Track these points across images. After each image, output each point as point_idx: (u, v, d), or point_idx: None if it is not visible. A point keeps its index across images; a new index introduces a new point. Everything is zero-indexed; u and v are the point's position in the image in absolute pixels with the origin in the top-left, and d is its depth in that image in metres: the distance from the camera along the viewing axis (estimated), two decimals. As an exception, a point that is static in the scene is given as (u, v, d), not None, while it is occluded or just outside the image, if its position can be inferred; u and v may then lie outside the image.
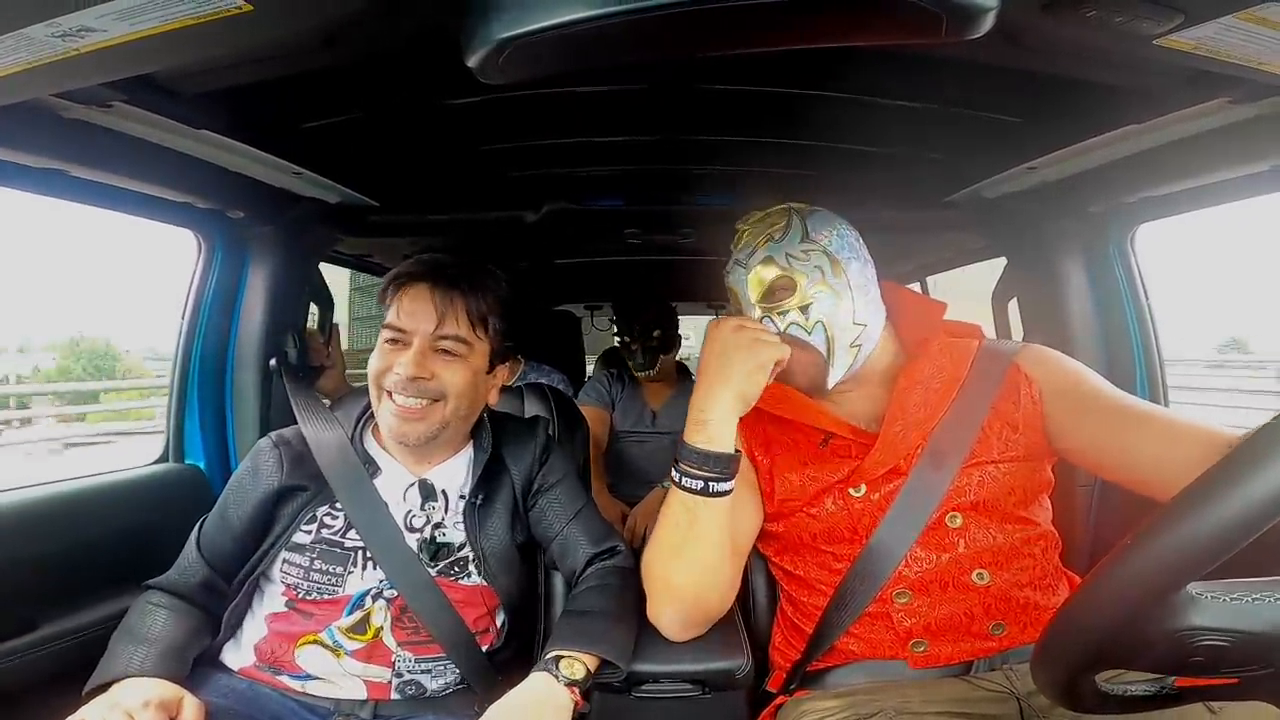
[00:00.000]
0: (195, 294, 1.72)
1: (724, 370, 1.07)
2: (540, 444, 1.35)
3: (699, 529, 1.07)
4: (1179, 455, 0.97)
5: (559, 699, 0.99)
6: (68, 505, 1.41)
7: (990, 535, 1.11)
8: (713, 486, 1.06)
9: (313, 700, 1.13)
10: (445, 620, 1.17)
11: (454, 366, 1.19)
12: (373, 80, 1.23)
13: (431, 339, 1.17)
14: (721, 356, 1.08)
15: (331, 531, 1.19)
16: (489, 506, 1.26)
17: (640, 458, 2.60)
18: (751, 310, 1.15)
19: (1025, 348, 1.22)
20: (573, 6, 0.64)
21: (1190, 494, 0.56)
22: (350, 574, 1.17)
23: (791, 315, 1.13)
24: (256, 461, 1.24)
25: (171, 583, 1.17)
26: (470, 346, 1.20)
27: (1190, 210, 1.47)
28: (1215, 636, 0.58)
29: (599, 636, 1.09)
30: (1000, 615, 1.10)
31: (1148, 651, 0.60)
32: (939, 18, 0.65)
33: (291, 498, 1.21)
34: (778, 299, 1.14)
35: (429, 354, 1.17)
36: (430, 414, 1.18)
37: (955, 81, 1.21)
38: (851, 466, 1.15)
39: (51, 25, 0.70)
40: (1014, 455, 1.13)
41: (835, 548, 1.16)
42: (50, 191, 1.24)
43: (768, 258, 1.14)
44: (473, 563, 1.22)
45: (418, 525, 1.21)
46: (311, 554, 1.17)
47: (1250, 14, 0.73)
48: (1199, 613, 0.58)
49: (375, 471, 1.23)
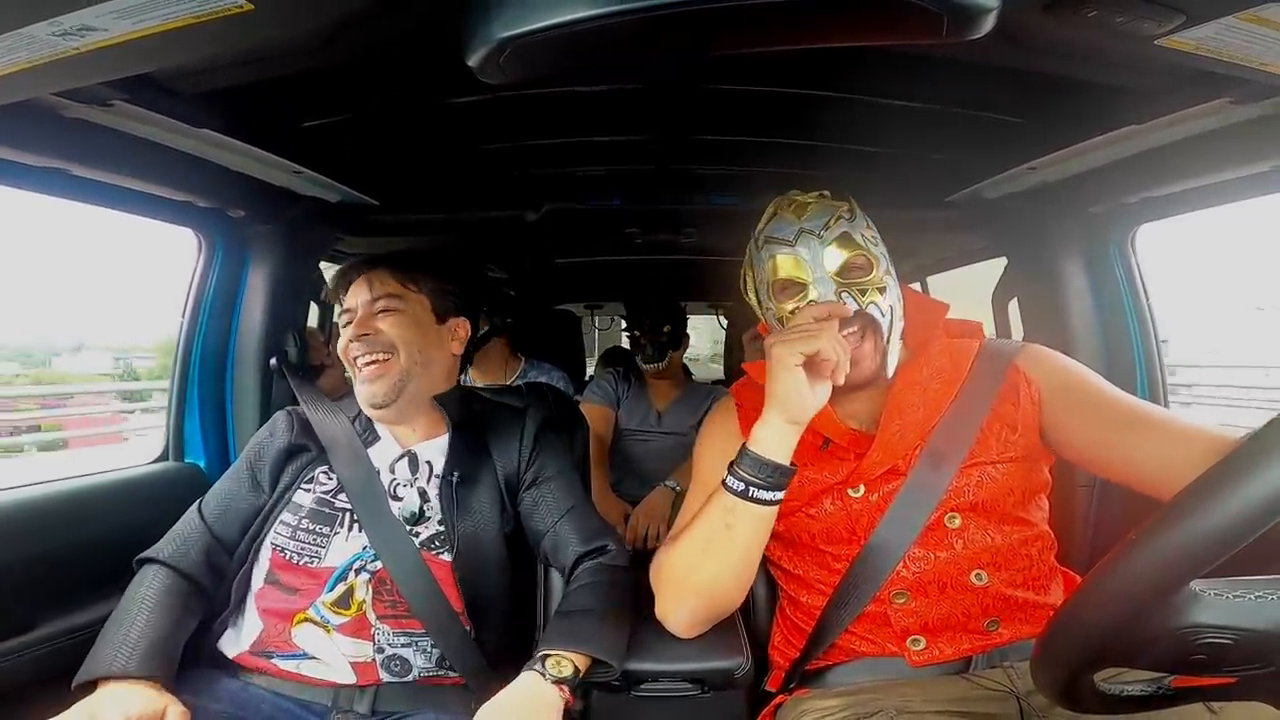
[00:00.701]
0: (196, 293, 1.72)
1: (769, 384, 1.08)
2: (529, 434, 1.37)
3: (735, 533, 1.08)
4: (1179, 455, 0.97)
5: (547, 696, 1.01)
6: (67, 504, 1.41)
7: (988, 536, 1.11)
8: (753, 492, 1.06)
9: (307, 698, 1.14)
10: (423, 591, 1.19)
11: (393, 318, 1.30)
12: (373, 79, 1.23)
13: (369, 304, 1.31)
14: (769, 369, 1.08)
15: (324, 490, 1.25)
16: (469, 487, 1.29)
17: (644, 457, 2.60)
18: (823, 284, 1.13)
19: (1025, 348, 1.22)
20: (573, 6, 0.64)
21: (1194, 491, 0.56)
22: (335, 536, 1.21)
23: (870, 295, 1.12)
24: (273, 426, 1.36)
25: (168, 556, 1.19)
26: (404, 299, 1.32)
27: (1191, 210, 1.47)
28: (1217, 634, 0.58)
29: (588, 635, 1.10)
30: (996, 614, 1.10)
31: (1150, 649, 0.60)
32: (940, 18, 0.65)
33: (297, 456, 1.31)
34: (854, 276, 1.13)
35: (371, 316, 1.30)
36: (389, 369, 1.28)
37: (956, 82, 1.20)
38: (850, 468, 1.15)
39: (53, 24, 0.70)
40: (1012, 456, 1.13)
41: (834, 548, 1.16)
42: (51, 190, 1.24)
43: (845, 234, 1.14)
44: (448, 539, 1.24)
45: (402, 495, 1.26)
46: (302, 513, 1.23)
47: (1251, 14, 0.73)
48: (1202, 610, 0.58)
49: (373, 439, 1.33)
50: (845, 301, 1.11)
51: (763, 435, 1.07)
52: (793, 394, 1.05)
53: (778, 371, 1.05)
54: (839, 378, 1.06)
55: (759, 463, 1.05)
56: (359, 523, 1.21)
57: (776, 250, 1.17)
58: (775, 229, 1.18)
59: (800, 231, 1.15)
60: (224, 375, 1.76)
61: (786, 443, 1.06)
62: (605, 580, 1.23)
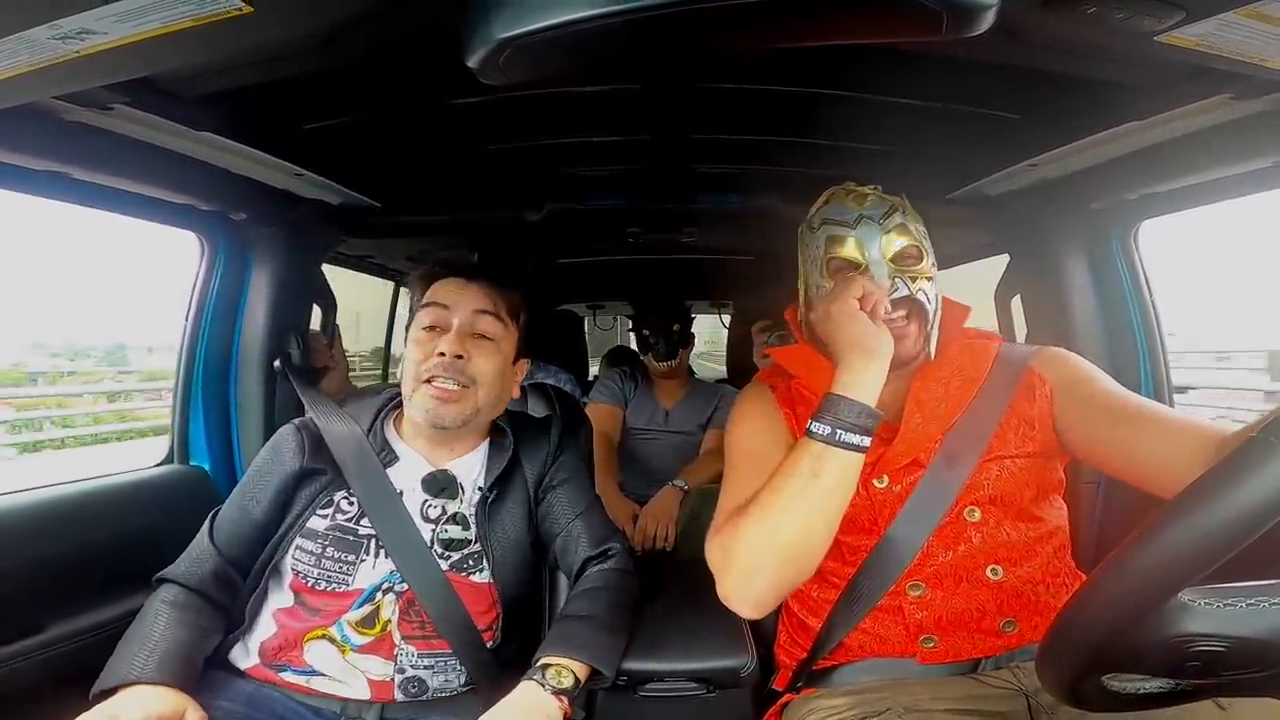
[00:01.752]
0: (199, 296, 1.72)
1: (837, 333, 1.08)
2: (554, 442, 1.36)
3: (822, 481, 1.03)
4: (1179, 452, 0.97)
5: (548, 708, 1.01)
6: (72, 507, 1.41)
7: (1004, 531, 1.12)
8: (841, 436, 1.03)
9: (318, 702, 1.14)
10: (453, 615, 1.17)
11: (487, 351, 1.23)
12: (374, 81, 1.23)
13: (471, 316, 1.23)
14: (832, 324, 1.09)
15: (346, 518, 1.21)
16: (501, 502, 1.27)
17: (651, 456, 2.61)
18: (878, 267, 1.15)
19: (1041, 350, 1.24)
20: (573, 6, 0.64)
21: (1180, 503, 0.56)
22: (362, 563, 1.18)
23: (920, 282, 1.16)
24: (279, 445, 1.26)
25: (182, 575, 1.17)
26: (504, 329, 1.26)
27: (1193, 206, 1.47)
28: (1210, 643, 0.58)
29: (587, 643, 1.10)
30: (1012, 612, 1.10)
31: (1145, 657, 0.60)
32: (939, 15, 0.65)
33: (311, 480, 1.23)
34: (907, 264, 1.16)
35: (467, 336, 1.22)
36: (464, 398, 1.21)
37: (956, 79, 1.20)
38: (877, 454, 1.15)
39: (52, 28, 0.70)
40: (1030, 451, 1.14)
41: (853, 538, 1.15)
42: (52, 194, 1.25)
43: (902, 224, 1.18)
44: (484, 557, 1.23)
45: (433, 516, 1.22)
46: (324, 540, 1.18)
47: (1251, 10, 0.72)
48: (1192, 619, 0.58)
49: (391, 460, 1.25)
50: (897, 286, 1.14)
51: (847, 379, 1.05)
52: (866, 332, 1.07)
53: (841, 320, 1.08)
54: (879, 311, 1.09)
55: (848, 404, 1.03)
56: (384, 549, 1.18)
57: (836, 231, 1.19)
58: (834, 212, 1.21)
59: (860, 217, 1.18)
60: (228, 378, 1.76)
61: (874, 382, 1.05)
62: (610, 585, 1.23)
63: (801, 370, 1.24)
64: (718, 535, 1.10)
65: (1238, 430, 0.92)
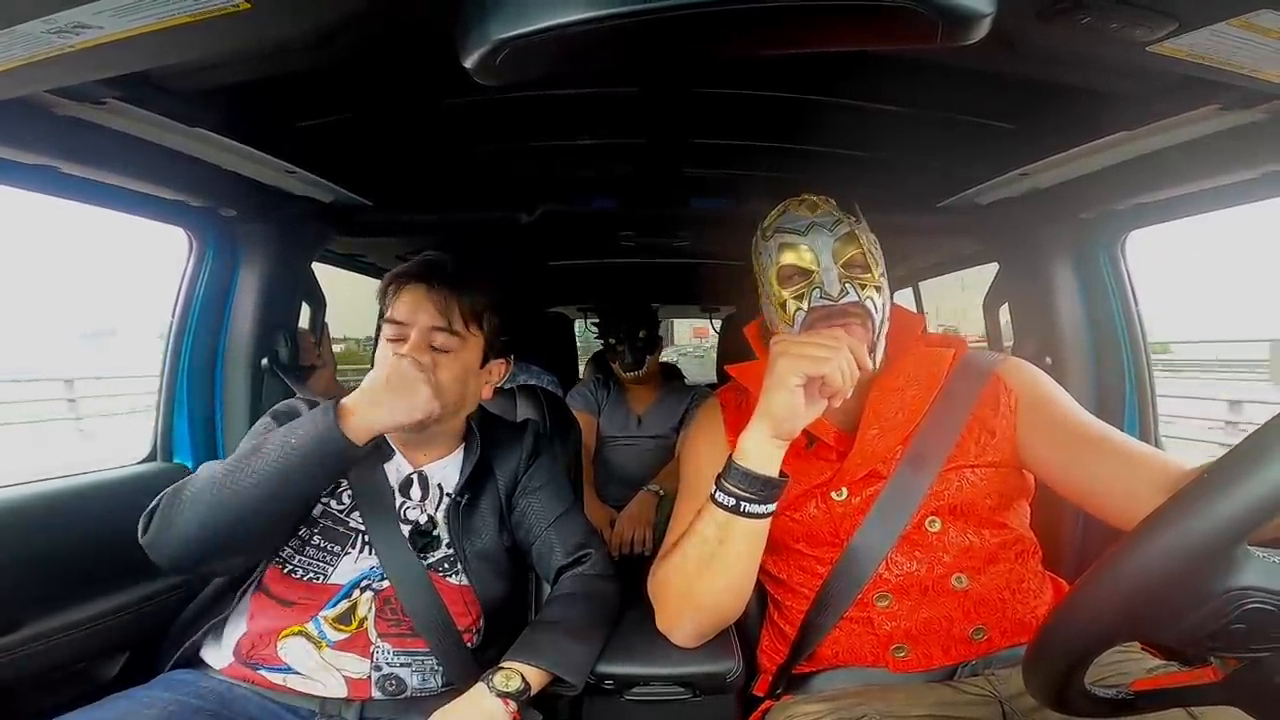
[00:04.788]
0: (186, 292, 1.70)
1: (765, 395, 1.04)
2: (528, 448, 1.36)
3: (730, 548, 1.05)
4: (1129, 485, 0.99)
5: (491, 710, 1.01)
6: (51, 505, 1.39)
7: (967, 539, 1.12)
8: (745, 507, 1.03)
9: (295, 701, 1.13)
10: (430, 613, 1.18)
11: (446, 361, 1.22)
12: (368, 80, 1.23)
13: (427, 333, 1.20)
14: (767, 379, 1.05)
15: (340, 509, 1.22)
16: (474, 508, 1.28)
17: (626, 462, 2.61)
18: (829, 274, 1.15)
19: (1009, 360, 1.25)
20: (569, 8, 0.64)
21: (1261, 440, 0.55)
22: (345, 556, 1.19)
23: (868, 290, 1.15)
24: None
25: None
26: (463, 341, 1.24)
27: (1182, 217, 1.48)
28: (1265, 599, 0.56)
29: (548, 650, 1.10)
30: (980, 619, 1.11)
31: (1191, 612, 0.58)
32: (934, 23, 0.65)
33: None
34: (856, 272, 1.16)
35: (424, 347, 1.20)
36: None
37: (949, 87, 1.21)
38: (834, 469, 1.16)
39: (46, 21, 0.70)
40: (991, 460, 1.14)
41: (817, 551, 1.17)
42: (42, 188, 1.23)
43: (851, 233, 1.17)
44: (458, 561, 1.23)
45: (411, 516, 1.24)
46: (313, 529, 1.19)
47: (1242, 21, 0.73)
48: (1254, 571, 0.57)
49: (389, 454, 1.28)
50: (846, 291, 1.13)
51: (749, 448, 1.04)
52: (786, 412, 1.02)
53: (775, 387, 1.02)
54: (837, 401, 1.03)
55: (748, 477, 1.03)
56: (370, 545, 1.19)
57: (787, 239, 1.18)
58: (787, 221, 1.20)
59: (812, 225, 1.17)
60: (213, 375, 1.74)
61: (774, 456, 1.04)
62: (582, 592, 1.24)
63: (759, 388, 1.23)
64: (655, 570, 1.17)
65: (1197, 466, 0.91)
